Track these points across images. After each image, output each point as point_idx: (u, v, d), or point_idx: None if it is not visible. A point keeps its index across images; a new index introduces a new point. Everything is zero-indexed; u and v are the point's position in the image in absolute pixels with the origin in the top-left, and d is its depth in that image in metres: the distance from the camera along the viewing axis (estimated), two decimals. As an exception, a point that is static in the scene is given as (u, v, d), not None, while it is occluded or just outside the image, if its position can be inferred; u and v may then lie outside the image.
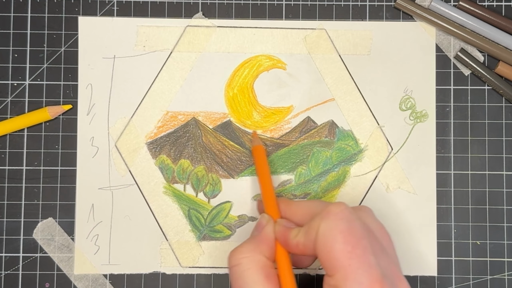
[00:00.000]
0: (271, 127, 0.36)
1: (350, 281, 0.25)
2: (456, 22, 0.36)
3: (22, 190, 0.36)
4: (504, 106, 0.36)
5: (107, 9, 0.37)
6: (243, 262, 0.28)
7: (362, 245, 0.26)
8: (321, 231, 0.27)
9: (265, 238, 0.29)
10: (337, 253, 0.26)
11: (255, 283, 0.27)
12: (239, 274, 0.28)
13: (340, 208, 0.27)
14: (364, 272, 0.25)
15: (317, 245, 0.27)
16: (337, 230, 0.26)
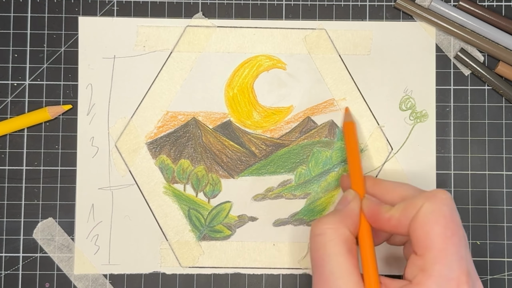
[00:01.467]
0: (271, 127, 0.36)
1: (440, 265, 0.25)
2: (456, 22, 0.36)
3: (22, 190, 0.36)
4: (504, 106, 0.36)
5: (107, 9, 0.37)
6: (327, 232, 0.28)
7: (459, 235, 0.26)
8: (423, 211, 0.27)
9: (351, 212, 0.29)
10: (436, 236, 0.26)
11: (337, 255, 0.27)
12: (322, 244, 0.28)
13: (446, 195, 0.27)
14: (456, 260, 0.26)
15: (415, 223, 0.27)
16: (441, 213, 0.26)
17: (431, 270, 0.25)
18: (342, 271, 0.27)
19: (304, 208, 0.36)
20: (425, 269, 0.26)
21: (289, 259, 0.36)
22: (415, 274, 0.26)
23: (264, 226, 0.36)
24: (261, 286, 0.36)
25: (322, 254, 0.28)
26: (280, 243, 0.36)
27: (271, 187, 0.36)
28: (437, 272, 0.25)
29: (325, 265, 0.27)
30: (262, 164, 0.36)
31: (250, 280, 0.36)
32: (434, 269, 0.25)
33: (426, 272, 0.26)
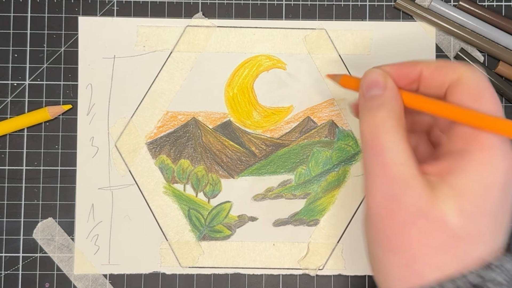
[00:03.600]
0: (271, 127, 0.36)
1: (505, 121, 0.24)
2: (456, 22, 0.36)
3: (22, 190, 0.36)
4: (504, 106, 0.36)
5: (107, 9, 0.37)
6: (382, 121, 0.26)
7: (500, 106, 0.25)
8: (469, 75, 0.25)
9: (396, 96, 0.27)
10: (488, 98, 0.25)
11: (398, 141, 0.25)
12: (378, 134, 0.26)
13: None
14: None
15: (464, 85, 0.25)
16: (488, 83, 0.25)
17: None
18: (406, 157, 0.25)
19: (304, 208, 0.36)
20: (480, 132, 0.24)
21: (289, 259, 0.36)
22: (467, 140, 0.25)
23: (264, 226, 0.36)
24: (261, 286, 0.36)
25: (380, 144, 0.25)
26: (280, 243, 0.36)
27: (271, 187, 0.36)
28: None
29: (385, 154, 0.25)
30: (262, 164, 0.36)
31: (250, 280, 0.36)
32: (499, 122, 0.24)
33: (482, 133, 0.24)
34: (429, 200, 0.24)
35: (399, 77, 0.28)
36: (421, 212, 0.24)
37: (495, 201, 0.24)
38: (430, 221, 0.24)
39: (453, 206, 0.24)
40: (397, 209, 0.25)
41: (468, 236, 0.24)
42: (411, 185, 0.24)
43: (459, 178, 0.24)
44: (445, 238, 0.24)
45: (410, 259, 0.25)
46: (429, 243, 0.24)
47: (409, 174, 0.25)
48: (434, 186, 0.25)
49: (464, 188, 0.24)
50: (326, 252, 0.36)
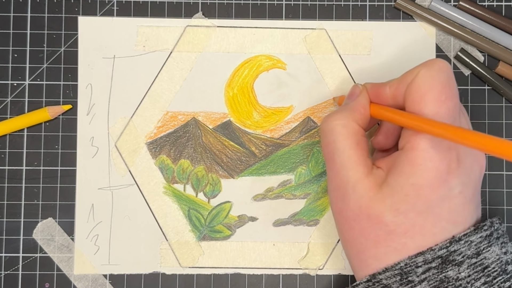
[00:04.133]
0: (271, 127, 0.36)
1: None
2: (456, 22, 0.36)
3: (22, 190, 0.36)
4: (504, 106, 0.36)
5: (107, 9, 0.37)
6: (336, 127, 0.29)
7: (454, 101, 0.27)
8: (420, 76, 0.27)
9: (359, 105, 0.30)
10: (430, 99, 0.26)
11: (347, 148, 0.29)
12: (332, 139, 0.29)
13: (444, 63, 0.27)
14: (449, 123, 0.26)
15: (411, 89, 0.27)
16: (437, 79, 0.27)
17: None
18: (352, 163, 0.28)
19: (304, 208, 0.36)
20: (417, 132, 0.26)
21: (289, 259, 0.36)
22: (407, 140, 0.27)
23: (264, 226, 0.36)
24: (261, 286, 0.36)
25: (332, 148, 0.29)
26: (280, 243, 0.36)
27: (271, 187, 0.36)
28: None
29: (335, 158, 0.29)
30: (262, 164, 0.36)
31: (250, 280, 0.36)
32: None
33: (418, 134, 0.26)
34: (370, 201, 0.27)
35: (373, 95, 0.30)
36: (362, 211, 0.28)
37: (426, 199, 0.26)
38: (369, 219, 0.27)
39: (389, 205, 0.27)
40: (344, 209, 0.29)
41: (403, 231, 0.27)
42: (356, 188, 0.28)
43: (394, 177, 0.27)
44: (382, 234, 0.27)
45: (357, 250, 0.28)
46: (370, 237, 0.28)
47: (354, 179, 0.28)
48: (380, 183, 0.28)
49: (398, 187, 0.27)
50: (326, 252, 0.36)
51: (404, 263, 0.27)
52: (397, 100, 0.29)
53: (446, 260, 0.26)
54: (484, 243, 0.27)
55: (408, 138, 0.27)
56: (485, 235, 0.27)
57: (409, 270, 0.27)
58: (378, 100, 0.30)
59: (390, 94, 0.29)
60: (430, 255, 0.26)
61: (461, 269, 0.26)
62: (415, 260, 0.27)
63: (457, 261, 0.26)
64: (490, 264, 0.27)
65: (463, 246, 0.27)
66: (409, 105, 0.27)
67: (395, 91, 0.29)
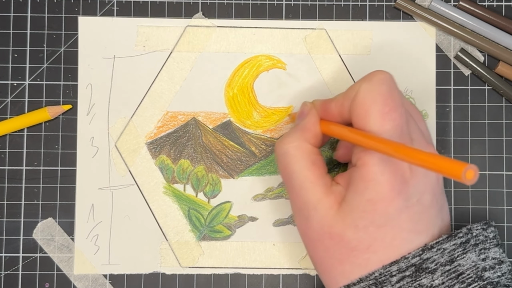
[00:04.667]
0: (271, 127, 0.36)
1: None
2: (456, 22, 0.36)
3: (22, 190, 0.36)
4: (504, 106, 0.36)
5: (107, 9, 0.37)
6: (290, 150, 0.29)
7: (399, 111, 0.27)
8: (361, 90, 0.27)
9: (309, 125, 0.30)
10: (373, 114, 0.26)
11: (302, 169, 0.29)
12: (287, 162, 0.29)
13: (385, 74, 0.27)
14: (396, 135, 0.26)
15: (354, 105, 0.27)
16: (378, 92, 0.26)
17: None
18: (309, 185, 0.28)
19: (304, 208, 0.36)
20: (364, 150, 0.26)
21: (289, 259, 0.36)
22: (358, 157, 0.27)
23: (264, 226, 0.36)
24: (261, 286, 0.36)
25: (289, 171, 0.29)
26: (280, 243, 0.36)
27: (271, 187, 0.36)
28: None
29: (293, 181, 0.29)
30: (262, 164, 0.36)
31: (250, 280, 0.36)
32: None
33: (368, 150, 0.26)
34: (331, 220, 0.27)
35: (323, 111, 0.30)
36: (325, 231, 0.28)
37: (383, 213, 0.26)
38: (332, 238, 0.27)
39: (349, 222, 0.27)
40: (307, 229, 0.29)
41: (365, 247, 0.27)
42: (317, 208, 0.28)
43: (351, 194, 0.27)
44: (346, 251, 0.27)
45: (325, 269, 0.29)
46: (335, 256, 0.28)
47: (314, 199, 0.28)
48: (340, 201, 0.28)
49: (355, 204, 0.27)
50: (326, 252, 0.36)
51: (379, 272, 0.27)
52: (344, 116, 0.29)
53: (419, 268, 0.26)
54: (458, 250, 0.27)
55: (358, 154, 0.27)
56: (459, 242, 0.27)
57: (383, 279, 0.27)
58: (328, 117, 0.30)
59: (336, 110, 0.29)
60: (404, 263, 0.26)
61: (435, 277, 0.26)
62: (389, 269, 0.27)
63: (430, 269, 0.26)
64: (465, 271, 0.27)
65: (436, 253, 0.27)
66: (354, 120, 0.27)
67: (340, 108, 0.29)
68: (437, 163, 0.22)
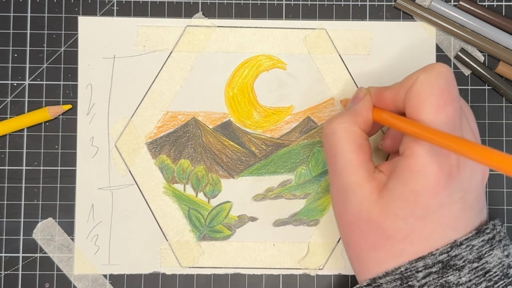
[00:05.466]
0: (271, 127, 0.36)
1: None
2: (456, 22, 0.36)
3: (22, 190, 0.36)
4: (504, 106, 0.36)
5: (107, 9, 0.37)
6: (338, 130, 0.29)
7: (454, 106, 0.26)
8: (419, 81, 0.27)
9: (361, 109, 0.30)
10: (428, 105, 0.26)
11: (348, 151, 0.28)
12: (334, 142, 0.29)
13: (445, 67, 0.27)
14: (448, 129, 0.26)
15: (410, 94, 0.27)
16: (436, 84, 0.26)
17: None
18: (352, 167, 0.28)
19: (304, 208, 0.36)
20: (416, 139, 0.26)
21: (289, 259, 0.36)
22: (406, 147, 0.27)
23: (264, 226, 0.36)
24: (261, 286, 0.36)
25: (334, 151, 0.29)
26: (280, 243, 0.36)
27: (271, 187, 0.36)
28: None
29: (337, 162, 0.29)
30: (262, 164, 0.36)
31: (250, 280, 0.36)
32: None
33: (418, 140, 0.26)
34: (369, 206, 0.27)
35: (377, 99, 0.30)
36: (362, 216, 0.28)
37: (425, 205, 0.26)
38: (369, 224, 0.27)
39: (388, 210, 0.27)
40: (345, 212, 0.29)
41: (402, 237, 0.27)
42: (356, 192, 0.28)
43: (394, 183, 0.27)
44: (382, 239, 0.27)
45: (357, 254, 0.29)
46: (369, 242, 0.28)
47: (355, 183, 0.28)
48: (381, 188, 0.28)
49: (398, 193, 0.27)
50: (326, 252, 0.36)
51: (405, 267, 0.27)
52: (398, 105, 0.29)
53: (447, 265, 0.26)
54: (486, 246, 0.27)
55: (407, 144, 0.27)
56: (487, 238, 0.27)
57: (409, 274, 0.26)
58: (381, 104, 0.30)
59: (390, 99, 0.29)
60: (430, 259, 0.26)
61: (462, 274, 0.26)
62: (415, 265, 0.26)
63: (458, 266, 0.26)
64: (492, 268, 0.27)
65: (465, 250, 0.26)
66: (408, 110, 0.27)
67: (395, 96, 0.28)
68: (489, 155, 0.21)
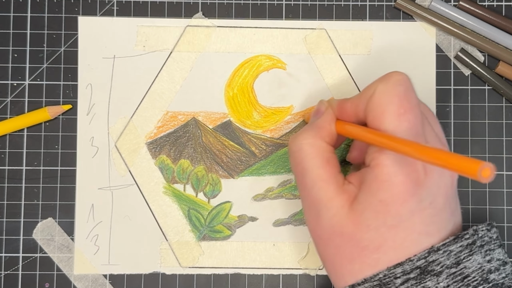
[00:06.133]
0: (271, 127, 0.36)
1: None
2: (456, 22, 0.36)
3: (22, 190, 0.36)
4: (504, 106, 0.36)
5: (107, 9, 0.37)
6: (304, 147, 0.29)
7: (415, 113, 0.26)
8: (377, 92, 0.27)
9: (325, 123, 0.30)
10: (389, 114, 0.26)
11: (316, 167, 0.28)
12: (301, 159, 0.29)
13: (401, 75, 0.27)
14: (411, 136, 0.26)
15: (370, 105, 0.27)
16: (394, 93, 0.26)
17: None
18: (322, 183, 0.28)
19: (304, 208, 0.36)
20: (381, 149, 0.26)
21: (289, 259, 0.36)
22: (372, 158, 0.27)
23: (264, 226, 0.36)
24: (261, 286, 0.36)
25: (302, 168, 0.29)
26: (280, 243, 0.36)
27: (271, 187, 0.36)
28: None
29: (306, 178, 0.29)
30: (262, 164, 0.36)
31: (250, 280, 0.36)
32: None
33: (382, 150, 0.26)
34: (342, 219, 0.27)
35: (339, 111, 0.30)
36: (335, 230, 0.28)
37: (396, 214, 0.26)
38: (342, 237, 0.27)
39: (360, 222, 0.27)
40: (318, 227, 0.29)
41: (375, 247, 0.27)
42: (328, 207, 0.28)
43: (363, 194, 0.27)
44: (356, 251, 0.27)
45: (334, 267, 0.29)
46: (344, 255, 0.28)
47: (325, 198, 0.28)
48: (352, 200, 0.28)
49: (367, 204, 0.27)
50: (326, 252, 0.36)
51: (383, 274, 0.27)
52: (359, 116, 0.29)
53: (424, 270, 0.26)
54: (465, 252, 0.27)
55: (372, 154, 0.27)
56: (466, 244, 0.27)
57: (388, 281, 0.27)
58: (344, 116, 0.30)
59: (351, 110, 0.29)
60: (408, 265, 0.26)
61: (440, 279, 0.26)
62: (393, 271, 0.26)
63: (436, 271, 0.26)
64: (471, 274, 0.27)
65: (442, 256, 0.27)
66: (370, 121, 0.27)
67: (356, 108, 0.29)
68: (452, 161, 0.21)
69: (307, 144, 0.29)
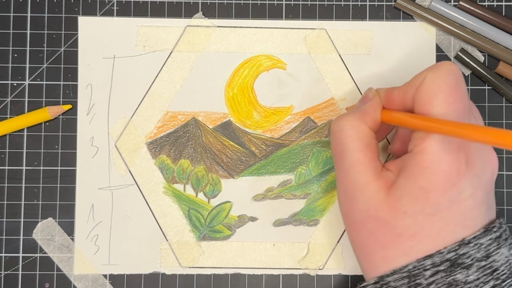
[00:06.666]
0: (271, 127, 0.36)
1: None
2: (456, 22, 0.36)
3: (22, 190, 0.36)
4: (504, 106, 0.36)
5: (107, 9, 0.37)
6: (346, 128, 0.29)
7: (463, 103, 0.26)
8: (428, 79, 0.27)
9: (370, 109, 0.30)
10: (438, 101, 0.26)
11: (356, 149, 0.28)
12: (342, 140, 0.29)
13: (452, 65, 0.27)
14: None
15: (419, 92, 0.27)
16: (445, 81, 0.26)
17: (432, 134, 0.26)
18: (359, 166, 0.28)
19: (304, 208, 0.36)
20: (426, 135, 0.26)
21: (289, 259, 0.36)
22: (415, 143, 0.27)
23: (264, 226, 0.36)
24: (261, 286, 0.36)
25: (341, 149, 0.29)
26: (280, 243, 0.36)
27: (271, 187, 0.36)
28: (438, 135, 0.26)
29: (344, 159, 0.29)
30: (262, 164, 0.36)
31: (250, 280, 0.36)
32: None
33: (427, 136, 0.26)
34: (378, 204, 0.27)
35: (386, 100, 0.30)
36: (370, 214, 0.27)
37: (435, 202, 0.26)
38: (377, 222, 0.27)
39: (397, 208, 0.27)
40: (352, 210, 0.28)
41: (411, 234, 0.26)
42: (364, 191, 0.28)
43: (403, 180, 0.27)
44: (391, 237, 0.27)
45: (366, 253, 0.28)
46: (377, 240, 0.27)
47: (363, 181, 0.28)
48: (389, 186, 0.27)
49: (407, 191, 0.26)
50: (326, 252, 0.36)
51: (412, 265, 0.26)
52: (407, 105, 0.28)
53: (454, 263, 0.26)
54: (493, 245, 0.27)
55: (416, 141, 0.27)
56: (494, 237, 0.27)
57: (417, 273, 0.26)
58: (390, 105, 0.30)
59: (399, 99, 0.29)
60: (438, 258, 0.26)
61: (470, 272, 0.26)
62: (423, 263, 0.26)
63: (466, 264, 0.26)
64: (499, 267, 0.27)
65: (473, 249, 0.26)
66: (418, 108, 0.27)
67: (404, 96, 0.28)
68: (504, 136, 0.21)
69: (349, 125, 0.29)
